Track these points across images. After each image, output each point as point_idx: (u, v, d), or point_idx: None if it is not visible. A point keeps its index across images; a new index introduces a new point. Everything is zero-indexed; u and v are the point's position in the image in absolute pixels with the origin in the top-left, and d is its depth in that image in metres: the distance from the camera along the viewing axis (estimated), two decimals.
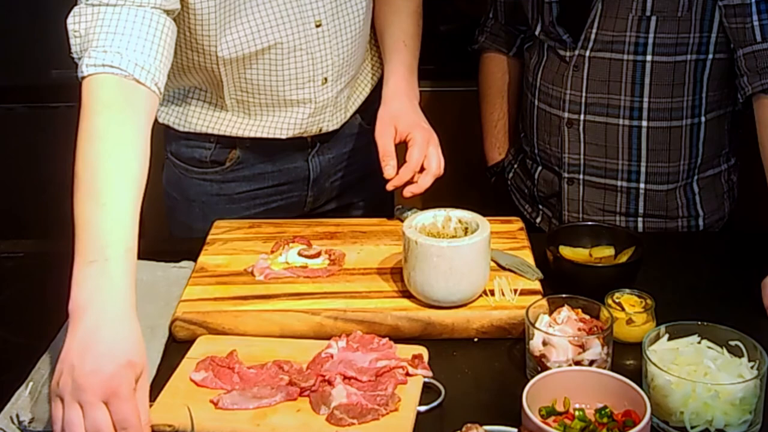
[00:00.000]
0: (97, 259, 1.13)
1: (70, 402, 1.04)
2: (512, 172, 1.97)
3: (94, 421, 1.03)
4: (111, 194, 1.17)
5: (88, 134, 1.21)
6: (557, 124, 1.78)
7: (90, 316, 1.09)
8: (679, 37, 1.66)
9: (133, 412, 1.04)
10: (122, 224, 1.16)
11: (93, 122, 1.22)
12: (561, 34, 1.74)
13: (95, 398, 1.03)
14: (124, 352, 1.08)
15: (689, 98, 1.70)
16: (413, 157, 1.59)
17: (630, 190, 1.77)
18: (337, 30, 1.63)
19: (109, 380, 1.04)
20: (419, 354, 1.28)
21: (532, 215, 1.91)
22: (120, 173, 1.19)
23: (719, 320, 1.24)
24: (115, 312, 1.11)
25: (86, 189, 1.17)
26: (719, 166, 1.80)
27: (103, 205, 1.16)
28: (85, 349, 1.06)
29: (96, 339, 1.07)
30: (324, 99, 1.68)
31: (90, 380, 1.04)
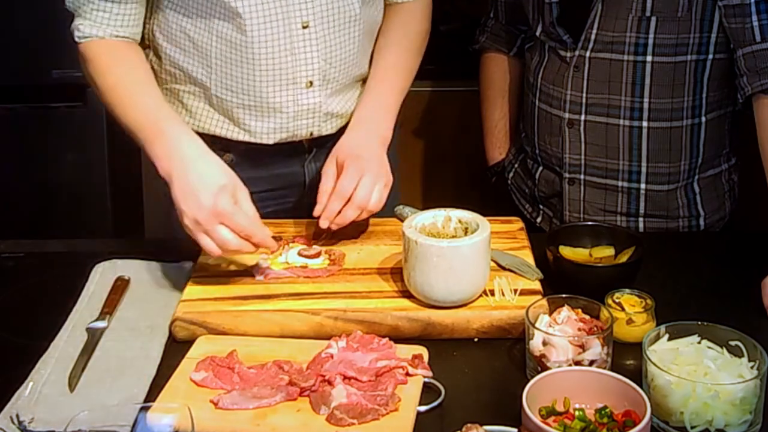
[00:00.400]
0: (157, 134, 1.47)
1: (200, 234, 1.39)
2: (513, 171, 1.97)
3: (221, 238, 1.38)
4: (142, 95, 1.53)
5: (101, 71, 1.57)
6: (558, 125, 1.78)
7: (176, 172, 1.42)
8: (679, 38, 1.66)
9: (245, 220, 1.39)
10: (160, 108, 1.52)
11: (103, 64, 1.57)
12: (561, 34, 1.74)
13: (212, 225, 1.38)
14: (212, 181, 1.40)
15: (689, 98, 1.70)
16: (340, 185, 1.52)
17: (631, 190, 1.77)
18: (326, 33, 1.60)
19: (213, 207, 1.37)
20: (419, 354, 1.28)
21: (533, 215, 1.91)
22: (140, 83, 1.56)
23: (719, 320, 1.25)
24: (190, 158, 1.43)
25: (123, 102, 1.53)
26: (720, 166, 1.80)
27: (140, 105, 1.52)
28: (185, 195, 1.40)
29: (188, 185, 1.40)
30: (309, 103, 1.64)
31: (200, 215, 1.38)
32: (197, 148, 1.46)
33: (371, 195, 1.52)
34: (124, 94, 1.54)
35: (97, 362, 1.31)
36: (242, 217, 1.39)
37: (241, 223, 1.38)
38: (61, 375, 1.27)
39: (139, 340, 1.36)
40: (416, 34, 1.75)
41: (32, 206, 2.76)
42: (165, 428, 1.08)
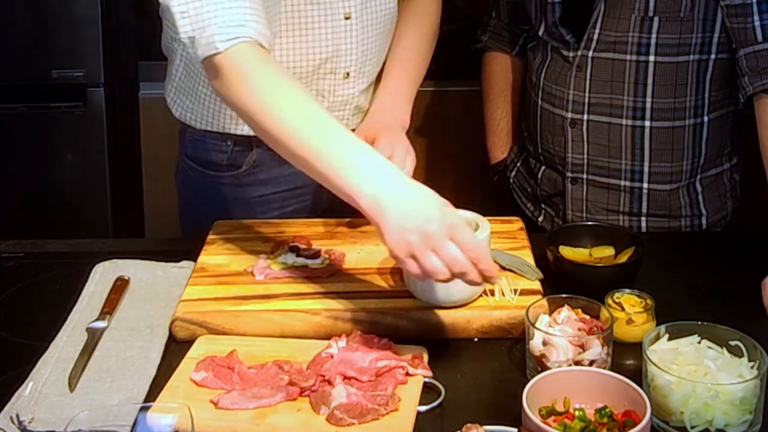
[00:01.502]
0: (358, 157, 1.27)
1: (424, 252, 1.20)
2: (515, 171, 1.97)
3: (449, 256, 1.20)
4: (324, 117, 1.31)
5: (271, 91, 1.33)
6: (560, 124, 1.78)
7: (387, 191, 1.24)
8: (681, 38, 1.66)
9: (474, 238, 1.24)
10: (345, 131, 1.31)
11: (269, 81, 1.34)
12: (564, 34, 1.74)
13: (443, 238, 1.20)
14: (434, 197, 1.25)
15: (692, 98, 1.70)
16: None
17: (633, 189, 1.77)
18: (365, 24, 1.62)
19: (444, 219, 1.21)
20: (419, 354, 1.28)
21: (535, 214, 1.92)
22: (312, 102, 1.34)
23: (719, 320, 1.25)
24: (398, 177, 1.26)
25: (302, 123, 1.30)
26: (722, 166, 1.80)
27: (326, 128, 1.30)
28: (408, 211, 1.22)
29: (410, 200, 1.23)
30: (344, 94, 1.67)
31: (430, 227, 1.20)
32: (395, 168, 1.29)
33: (405, 165, 1.55)
34: (293, 116, 1.31)
35: (97, 362, 1.31)
36: (471, 236, 1.24)
37: (471, 242, 1.21)
38: (61, 375, 1.27)
39: (139, 340, 1.36)
40: (430, 24, 1.78)
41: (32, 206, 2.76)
42: (165, 428, 1.08)
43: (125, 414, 1.13)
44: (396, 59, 1.74)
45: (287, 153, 1.32)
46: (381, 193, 1.23)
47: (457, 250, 1.20)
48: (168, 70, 1.74)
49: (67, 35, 2.65)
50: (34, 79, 2.69)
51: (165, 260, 1.57)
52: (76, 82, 2.68)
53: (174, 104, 1.72)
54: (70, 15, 2.64)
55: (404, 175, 1.27)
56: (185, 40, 1.38)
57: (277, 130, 1.31)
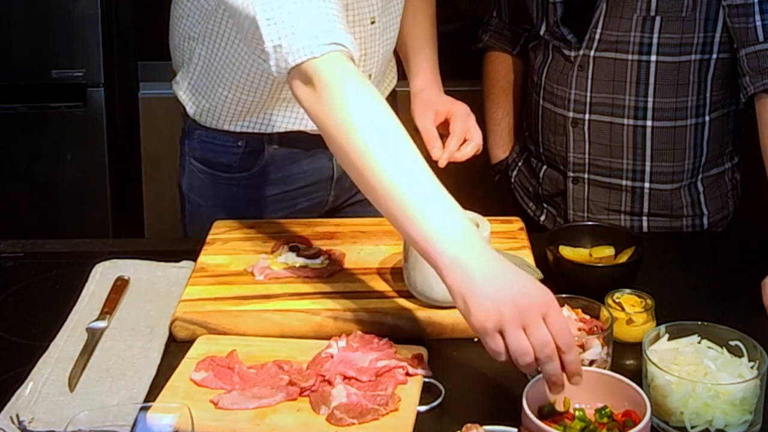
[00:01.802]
0: (451, 216, 1.16)
1: (514, 329, 1.08)
2: (516, 170, 1.97)
3: (542, 337, 1.08)
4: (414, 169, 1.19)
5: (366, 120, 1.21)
6: (562, 124, 1.78)
7: (473, 257, 1.13)
8: (683, 37, 1.66)
9: (566, 322, 1.11)
10: (437, 186, 1.18)
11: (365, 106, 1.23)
12: (565, 34, 1.74)
13: (537, 315, 1.08)
14: (526, 274, 1.14)
15: (694, 98, 1.71)
16: (457, 127, 1.63)
17: (635, 189, 1.77)
18: (386, 27, 1.64)
19: (541, 296, 1.10)
20: (419, 354, 1.28)
21: (537, 213, 1.92)
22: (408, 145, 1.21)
23: (719, 320, 1.24)
24: (486, 246, 1.16)
25: (394, 167, 1.18)
26: (723, 165, 1.80)
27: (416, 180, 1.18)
28: (500, 281, 1.11)
29: (503, 272, 1.12)
30: None
31: (527, 301, 1.09)
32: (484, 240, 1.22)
33: (480, 134, 1.64)
34: (380, 154, 1.19)
35: (97, 362, 1.31)
36: (564, 320, 1.12)
37: (563, 326, 1.11)
38: (61, 375, 1.27)
39: (139, 340, 1.36)
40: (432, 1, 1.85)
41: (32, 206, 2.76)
42: (165, 428, 1.08)
43: (125, 414, 1.13)
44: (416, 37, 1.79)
45: (367, 188, 1.21)
46: (466, 259, 1.12)
47: (546, 332, 1.09)
48: (181, 69, 1.72)
49: (67, 35, 2.66)
50: (34, 79, 2.70)
51: (165, 260, 1.57)
52: (76, 82, 2.68)
53: (189, 103, 1.70)
54: (70, 15, 2.64)
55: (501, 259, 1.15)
56: (269, 48, 1.27)
57: (364, 163, 1.19)
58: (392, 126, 1.21)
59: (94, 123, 2.72)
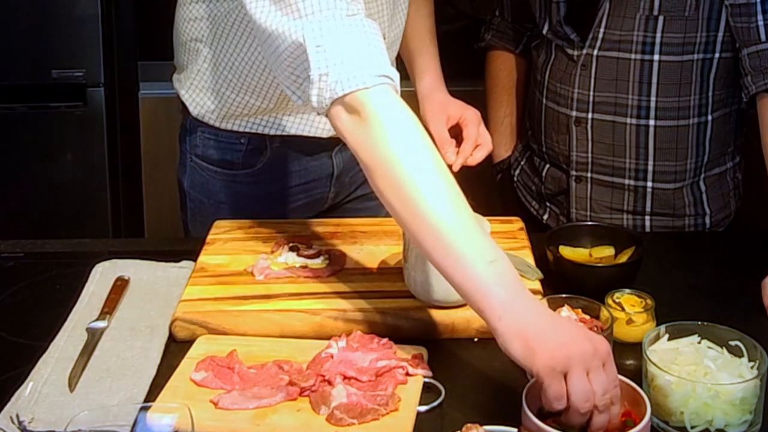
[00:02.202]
0: (496, 258, 1.15)
1: (580, 372, 1.07)
2: (519, 169, 1.97)
3: (604, 383, 1.07)
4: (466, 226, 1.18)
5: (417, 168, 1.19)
6: (565, 123, 1.78)
7: (531, 302, 1.13)
8: (686, 37, 1.66)
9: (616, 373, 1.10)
10: (480, 235, 1.18)
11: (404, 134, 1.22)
12: (569, 33, 1.74)
13: (600, 362, 1.08)
14: (574, 328, 1.13)
15: (696, 97, 1.71)
16: (470, 133, 1.67)
17: (637, 188, 1.77)
18: (390, 44, 1.65)
19: (603, 344, 1.09)
20: (419, 354, 1.28)
21: (539, 212, 1.92)
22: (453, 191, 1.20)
23: (719, 320, 1.24)
24: (530, 296, 1.15)
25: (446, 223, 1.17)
26: (725, 164, 1.81)
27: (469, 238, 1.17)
28: (562, 327, 1.12)
29: (557, 317, 1.16)
30: None
31: (591, 347, 1.08)
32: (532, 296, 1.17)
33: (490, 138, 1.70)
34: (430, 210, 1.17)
35: (97, 362, 1.31)
36: (615, 370, 1.10)
37: (615, 376, 1.10)
38: (61, 375, 1.27)
39: (139, 340, 1.36)
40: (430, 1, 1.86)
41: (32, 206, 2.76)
42: (165, 428, 1.08)
43: (125, 414, 1.13)
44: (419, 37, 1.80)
45: (410, 225, 1.19)
46: (522, 302, 1.12)
47: (605, 379, 1.07)
48: (185, 69, 1.72)
49: (67, 35, 2.65)
50: (34, 79, 2.69)
51: (165, 260, 1.57)
52: (76, 82, 2.68)
53: (193, 103, 1.70)
54: (70, 15, 2.64)
55: (548, 311, 1.17)
56: (314, 76, 1.23)
57: (407, 200, 1.18)
58: (437, 164, 1.20)
59: (94, 123, 2.72)
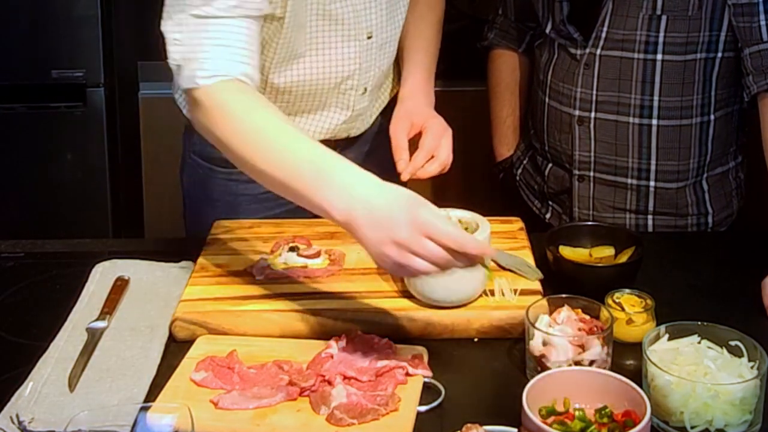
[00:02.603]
0: (324, 178, 1.24)
1: (405, 259, 1.17)
2: (521, 168, 1.97)
3: (431, 253, 1.16)
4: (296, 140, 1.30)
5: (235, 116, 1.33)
6: (568, 122, 1.78)
7: (359, 209, 1.21)
8: (689, 36, 1.66)
9: (450, 228, 1.18)
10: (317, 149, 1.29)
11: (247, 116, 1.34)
12: (572, 32, 1.74)
13: (418, 239, 1.16)
14: (401, 198, 1.21)
15: (699, 96, 1.71)
16: (426, 143, 1.60)
17: (640, 187, 1.77)
18: (385, 42, 1.65)
19: (412, 221, 1.17)
20: (419, 354, 1.28)
21: (542, 211, 1.92)
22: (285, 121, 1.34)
23: (719, 320, 1.25)
24: (369, 190, 1.23)
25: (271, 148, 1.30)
26: (727, 164, 1.81)
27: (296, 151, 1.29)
28: (378, 222, 1.19)
29: (379, 212, 1.20)
30: (360, 108, 1.70)
31: (401, 234, 1.16)
32: (368, 177, 1.26)
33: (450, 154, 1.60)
34: (269, 142, 1.32)
35: (97, 362, 1.31)
36: (446, 228, 1.18)
37: (450, 231, 1.17)
38: (61, 375, 1.27)
39: (139, 340, 1.36)
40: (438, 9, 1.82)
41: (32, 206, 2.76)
42: (165, 428, 1.08)
43: (125, 414, 1.13)
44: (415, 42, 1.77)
45: (265, 179, 1.31)
46: (351, 217, 1.21)
47: (435, 247, 1.16)
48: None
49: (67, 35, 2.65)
50: (34, 79, 2.69)
51: (165, 260, 1.57)
52: (76, 82, 2.68)
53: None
54: (70, 15, 2.64)
55: (374, 182, 1.23)
56: (172, 66, 1.38)
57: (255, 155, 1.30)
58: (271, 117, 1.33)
59: (94, 123, 2.72)
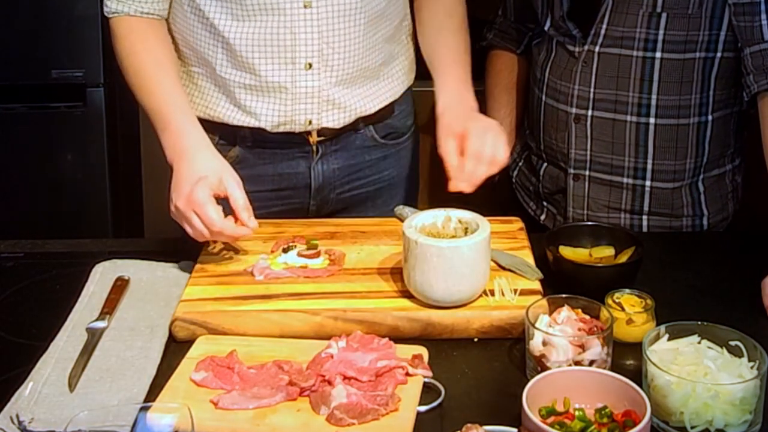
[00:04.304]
0: (167, 124, 1.56)
1: (181, 222, 1.49)
2: (517, 169, 1.97)
3: (196, 227, 1.46)
4: (158, 82, 1.61)
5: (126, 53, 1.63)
6: (564, 120, 1.78)
7: (176, 163, 1.53)
8: (688, 35, 1.66)
9: (213, 213, 1.45)
10: (171, 99, 1.59)
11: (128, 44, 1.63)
12: (571, 29, 1.74)
13: (188, 213, 1.46)
14: (195, 172, 1.49)
15: (697, 96, 1.71)
16: (469, 148, 1.55)
17: (636, 187, 1.77)
18: (327, 14, 1.61)
19: (189, 195, 1.46)
20: (419, 354, 1.28)
21: (537, 212, 1.92)
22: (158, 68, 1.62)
23: (719, 320, 1.25)
24: (188, 150, 1.53)
25: (142, 87, 1.61)
26: (724, 166, 1.80)
27: (155, 93, 1.60)
28: (175, 183, 1.50)
29: (179, 174, 1.50)
30: (307, 86, 1.65)
31: (179, 202, 1.47)
32: (197, 141, 1.55)
33: (500, 151, 1.56)
34: (143, 78, 1.61)
35: (97, 362, 1.31)
36: (211, 211, 1.45)
37: (210, 216, 1.44)
38: (61, 375, 1.27)
39: (139, 340, 1.36)
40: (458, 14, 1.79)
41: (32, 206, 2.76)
42: (165, 428, 1.08)
43: (125, 414, 1.13)
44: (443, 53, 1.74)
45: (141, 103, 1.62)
46: (171, 166, 1.53)
47: (199, 222, 1.45)
48: None
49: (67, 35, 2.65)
50: (34, 79, 2.69)
51: (165, 260, 1.57)
52: (76, 82, 2.68)
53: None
54: (70, 15, 2.63)
55: (189, 153, 1.52)
56: None
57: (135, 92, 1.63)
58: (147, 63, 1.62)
59: (94, 123, 2.71)
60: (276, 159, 1.72)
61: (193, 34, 1.66)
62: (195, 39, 1.66)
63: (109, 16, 1.64)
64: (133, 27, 1.63)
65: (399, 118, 1.82)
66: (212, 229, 1.45)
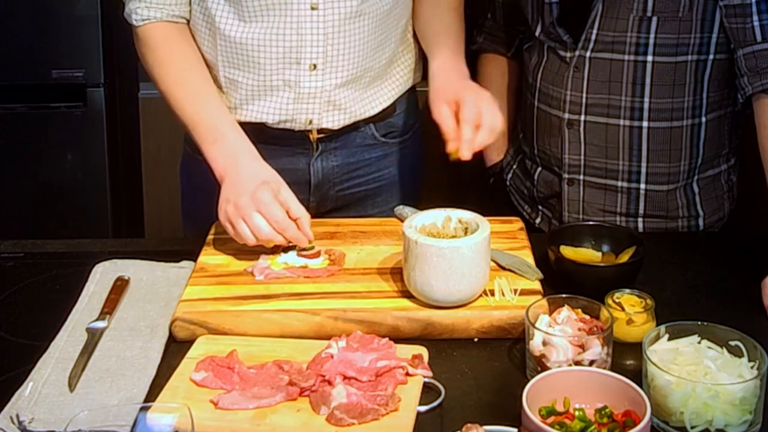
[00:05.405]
0: (218, 138, 1.58)
1: (236, 221, 1.48)
2: (511, 173, 1.97)
3: (256, 224, 1.47)
4: (207, 96, 1.63)
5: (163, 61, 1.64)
6: (557, 125, 1.78)
7: (230, 171, 1.54)
8: (680, 38, 1.66)
9: (280, 213, 1.48)
10: (222, 112, 1.62)
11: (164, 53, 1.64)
12: (561, 34, 1.74)
13: (250, 210, 1.47)
14: (257, 176, 1.52)
15: (690, 99, 1.70)
16: (465, 115, 1.55)
17: (630, 190, 1.77)
18: (333, 16, 1.61)
19: (253, 194, 1.48)
20: (419, 354, 1.28)
21: (532, 216, 1.91)
22: (203, 81, 1.64)
23: (719, 320, 1.25)
24: (243, 159, 1.56)
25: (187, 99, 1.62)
26: (719, 167, 1.80)
27: (204, 106, 1.61)
28: (233, 185, 1.52)
29: (238, 177, 1.53)
30: (311, 87, 1.66)
31: (241, 200, 1.48)
32: (253, 152, 1.58)
33: (497, 119, 1.57)
34: (185, 91, 1.62)
35: (97, 362, 1.31)
36: (278, 210, 1.48)
37: (277, 215, 1.47)
38: (61, 375, 1.27)
39: (139, 340, 1.36)
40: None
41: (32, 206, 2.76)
42: (165, 428, 1.08)
43: (125, 414, 1.13)
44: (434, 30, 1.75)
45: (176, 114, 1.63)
46: (223, 175, 1.54)
47: (261, 220, 1.47)
48: None
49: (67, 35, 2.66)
50: (34, 79, 2.70)
51: (165, 260, 1.57)
52: (76, 82, 2.68)
53: None
54: (70, 15, 2.64)
55: (245, 162, 1.55)
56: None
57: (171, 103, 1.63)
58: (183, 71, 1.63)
59: (94, 123, 2.72)
60: (276, 155, 1.72)
61: (199, 33, 1.67)
62: (200, 39, 1.67)
63: (139, 24, 1.62)
64: (168, 34, 1.63)
65: (401, 117, 1.82)
66: (276, 226, 1.47)
